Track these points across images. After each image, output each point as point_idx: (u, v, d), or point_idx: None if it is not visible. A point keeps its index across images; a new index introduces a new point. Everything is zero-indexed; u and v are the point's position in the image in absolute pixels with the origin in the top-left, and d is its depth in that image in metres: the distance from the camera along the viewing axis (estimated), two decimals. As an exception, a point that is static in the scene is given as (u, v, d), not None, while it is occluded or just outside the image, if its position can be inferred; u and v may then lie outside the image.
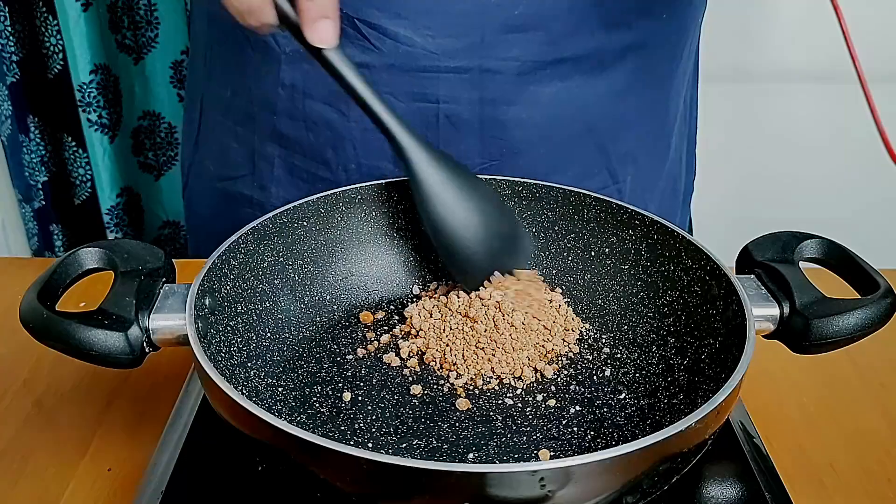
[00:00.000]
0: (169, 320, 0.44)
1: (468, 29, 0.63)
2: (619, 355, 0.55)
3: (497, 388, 0.52)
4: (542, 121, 0.68)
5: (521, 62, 0.65)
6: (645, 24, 0.67)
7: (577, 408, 0.51)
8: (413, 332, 0.56)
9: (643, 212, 0.57)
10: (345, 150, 0.69)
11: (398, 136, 0.53)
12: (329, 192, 0.59)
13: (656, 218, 0.56)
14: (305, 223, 0.58)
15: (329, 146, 0.69)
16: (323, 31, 0.47)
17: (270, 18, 0.46)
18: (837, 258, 0.50)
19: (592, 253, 0.60)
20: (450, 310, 0.57)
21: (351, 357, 0.55)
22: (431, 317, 0.57)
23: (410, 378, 0.53)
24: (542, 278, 0.61)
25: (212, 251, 0.79)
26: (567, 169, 0.70)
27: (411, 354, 0.55)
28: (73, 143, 1.21)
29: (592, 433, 0.49)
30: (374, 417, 0.49)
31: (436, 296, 0.59)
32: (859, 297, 0.48)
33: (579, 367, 0.54)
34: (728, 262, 0.52)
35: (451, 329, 0.55)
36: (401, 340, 0.56)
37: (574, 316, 0.58)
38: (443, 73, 0.64)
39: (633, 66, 0.68)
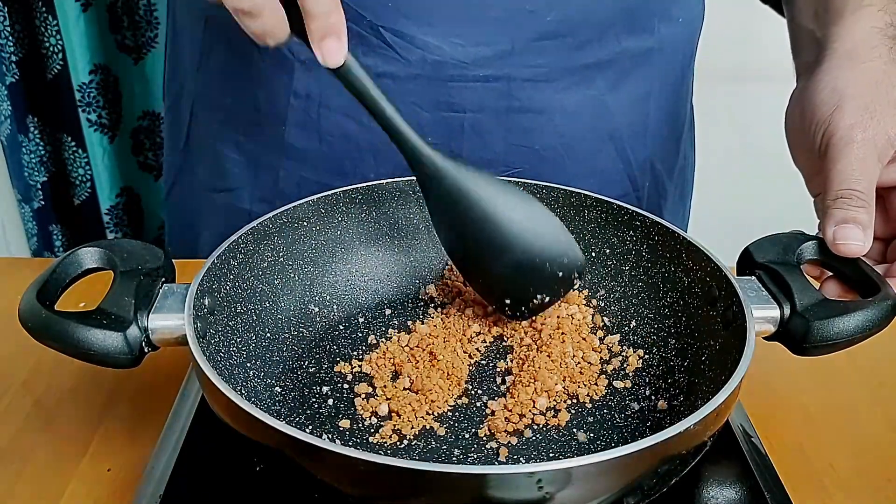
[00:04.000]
0: (168, 320, 0.44)
1: (499, 37, 0.62)
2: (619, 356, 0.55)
3: (497, 389, 0.52)
4: (566, 129, 0.68)
5: (550, 69, 0.64)
6: (665, 27, 0.67)
7: (577, 409, 0.50)
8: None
9: (644, 213, 0.57)
10: (363, 161, 0.68)
11: (421, 150, 0.50)
12: (330, 192, 0.58)
13: (657, 219, 0.56)
14: (306, 223, 0.58)
15: (346, 157, 0.68)
16: (328, 52, 0.44)
17: (285, 36, 0.45)
18: (838, 260, 0.50)
19: (593, 254, 0.60)
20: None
21: (350, 357, 0.55)
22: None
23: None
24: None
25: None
26: (589, 177, 0.70)
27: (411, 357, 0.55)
28: (73, 143, 1.21)
29: (592, 435, 0.48)
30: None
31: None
32: (860, 299, 0.48)
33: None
34: (729, 263, 0.52)
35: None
36: (401, 341, 0.56)
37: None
38: (470, 81, 0.64)
39: (652, 71, 0.69)
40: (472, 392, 0.52)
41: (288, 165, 0.70)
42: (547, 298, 0.54)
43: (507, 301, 0.55)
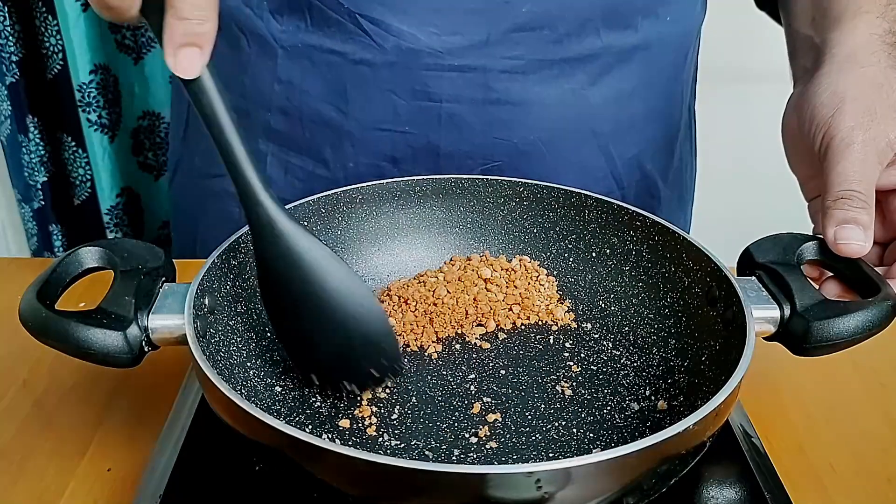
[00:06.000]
0: (168, 320, 0.44)
1: (475, 27, 0.62)
2: (619, 357, 0.55)
3: (496, 388, 0.52)
4: (546, 123, 0.67)
5: (527, 61, 0.64)
6: (649, 25, 0.67)
7: (577, 409, 0.50)
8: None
9: (644, 213, 0.57)
10: (343, 148, 0.68)
11: (258, 195, 0.46)
12: (330, 192, 0.59)
13: (657, 219, 0.56)
14: (306, 223, 0.58)
15: (327, 144, 0.68)
16: (184, 61, 0.39)
17: (132, 15, 0.39)
18: (839, 260, 0.50)
19: (593, 254, 0.60)
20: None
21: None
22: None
23: (410, 378, 0.53)
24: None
25: (196, 248, 0.78)
26: (571, 173, 0.70)
27: (411, 354, 0.55)
28: (73, 144, 1.21)
29: (592, 434, 0.48)
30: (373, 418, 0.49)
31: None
32: (860, 299, 0.48)
33: (579, 368, 0.54)
34: (729, 263, 0.52)
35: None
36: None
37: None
38: (446, 71, 0.64)
39: (639, 68, 0.68)
40: (473, 392, 0.52)
41: (275, 151, 0.71)
42: (357, 389, 0.50)
43: (318, 378, 0.49)
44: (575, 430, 0.49)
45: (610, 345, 0.56)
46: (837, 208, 0.49)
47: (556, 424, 0.49)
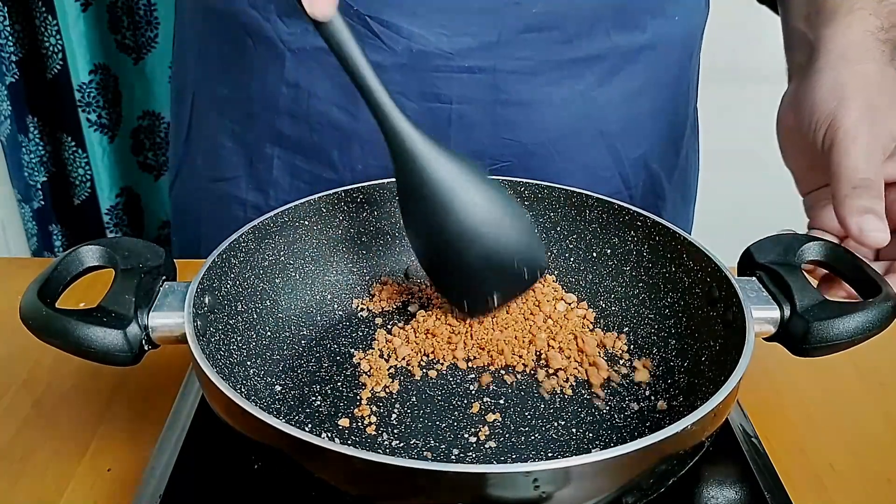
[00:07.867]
0: (168, 318, 0.44)
1: (484, 28, 0.62)
2: (619, 357, 0.55)
3: (496, 388, 0.52)
4: (554, 123, 0.67)
5: (536, 62, 0.64)
6: (658, 25, 0.67)
7: (576, 409, 0.50)
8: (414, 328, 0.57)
9: (645, 213, 0.57)
10: (351, 151, 0.68)
11: (398, 126, 0.49)
12: (331, 192, 0.59)
13: (658, 219, 0.56)
14: (307, 222, 0.58)
15: (335, 147, 0.68)
16: (320, 3, 0.44)
17: None
18: (840, 261, 0.50)
19: (594, 254, 0.60)
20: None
21: (351, 356, 0.55)
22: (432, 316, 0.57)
23: (410, 378, 0.53)
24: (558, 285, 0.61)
25: (197, 252, 0.79)
26: (579, 173, 0.70)
27: (411, 354, 0.55)
28: (73, 143, 1.21)
29: (591, 434, 0.48)
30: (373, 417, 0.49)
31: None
32: (861, 300, 0.48)
33: (579, 369, 0.54)
34: (730, 263, 0.52)
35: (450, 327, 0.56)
36: (400, 339, 0.56)
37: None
38: (456, 73, 0.64)
39: (646, 68, 0.68)
40: (472, 392, 0.52)
41: (281, 154, 0.70)
42: (506, 296, 0.55)
43: (466, 299, 0.55)
44: (574, 430, 0.49)
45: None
46: (857, 198, 0.48)
47: (556, 424, 0.49)
